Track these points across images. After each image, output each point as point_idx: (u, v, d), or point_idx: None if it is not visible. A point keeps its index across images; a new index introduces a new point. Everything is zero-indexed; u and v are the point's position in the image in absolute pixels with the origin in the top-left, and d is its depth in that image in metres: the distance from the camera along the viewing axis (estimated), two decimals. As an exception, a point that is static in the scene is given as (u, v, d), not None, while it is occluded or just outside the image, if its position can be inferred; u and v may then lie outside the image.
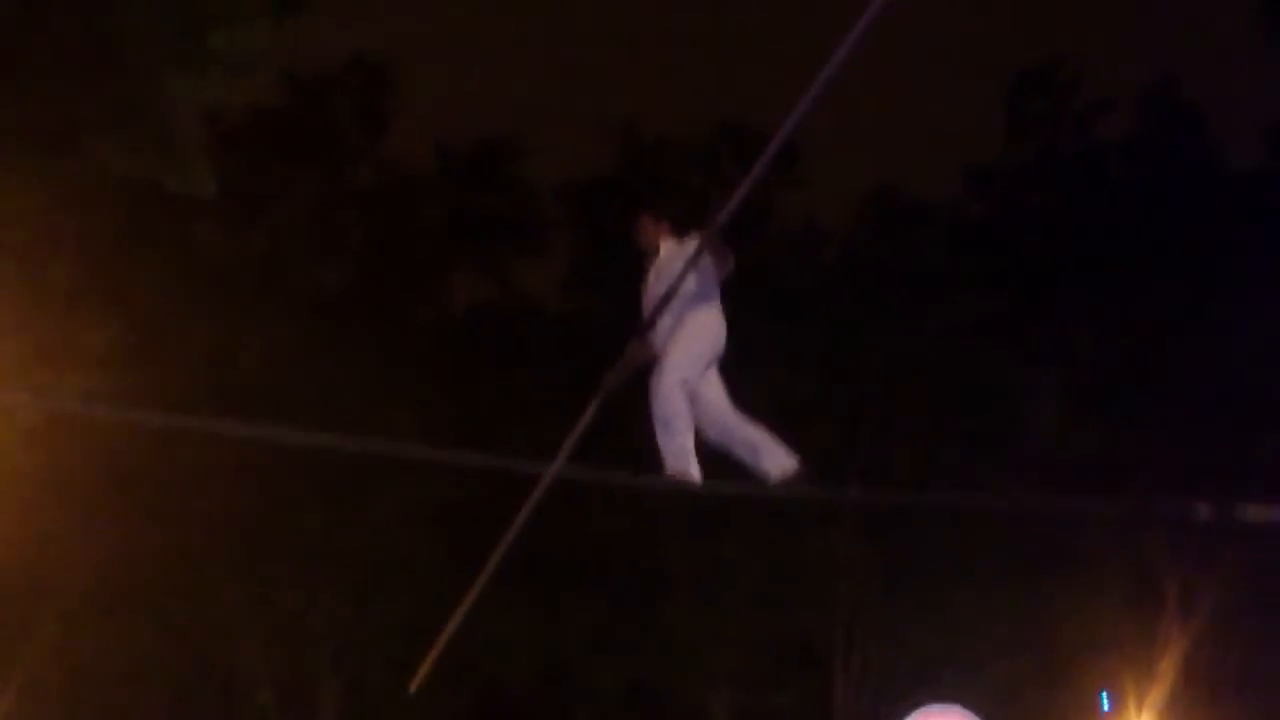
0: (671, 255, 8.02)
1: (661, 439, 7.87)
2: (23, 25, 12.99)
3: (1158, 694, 24.32)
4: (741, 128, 26.93)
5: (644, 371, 7.98)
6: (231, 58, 12.68)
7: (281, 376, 21.22)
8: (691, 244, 7.82)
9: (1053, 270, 25.53)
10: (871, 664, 24.91)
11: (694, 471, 7.89)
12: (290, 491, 20.59)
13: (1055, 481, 22.93)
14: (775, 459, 7.95)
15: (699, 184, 27.77)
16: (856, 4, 5.42)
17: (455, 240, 25.37)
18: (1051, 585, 23.45)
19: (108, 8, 12.49)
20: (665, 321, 7.88)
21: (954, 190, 28.08)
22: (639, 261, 8.37)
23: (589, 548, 23.40)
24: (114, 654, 20.85)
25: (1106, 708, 25.94)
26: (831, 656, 25.25)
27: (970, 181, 28.21)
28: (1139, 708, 24.76)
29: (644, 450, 8.31)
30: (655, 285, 8.02)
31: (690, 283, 7.77)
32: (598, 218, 25.76)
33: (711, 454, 8.49)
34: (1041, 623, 23.47)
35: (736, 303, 25.44)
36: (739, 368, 25.93)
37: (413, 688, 9.43)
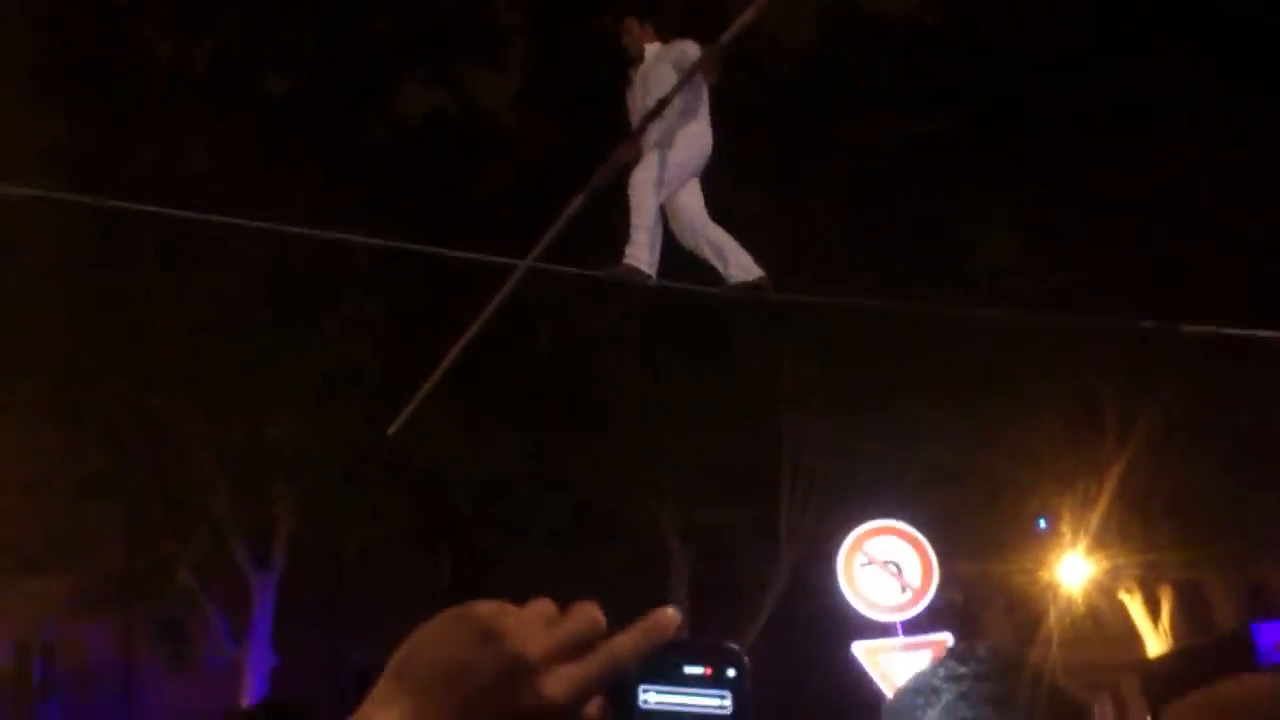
0: (657, 58, 7.94)
1: (729, 253, 8.05)
2: None
3: (1093, 518, 25.04)
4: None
5: (628, 172, 8.02)
6: None
7: (229, 188, 20.90)
8: (679, 47, 7.77)
9: (1011, 91, 25.30)
10: (817, 483, 25.48)
11: (645, 268, 8.00)
12: (239, 302, 20.47)
13: (1003, 305, 23.16)
14: (742, 264, 8.13)
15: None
16: None
17: (406, 50, 24.81)
18: (993, 407, 23.86)
19: None
20: (654, 127, 7.87)
21: (914, 3, 27.68)
22: (621, 66, 8.28)
23: (536, 369, 23.54)
24: (66, 468, 20.94)
25: (1043, 527, 26.80)
26: (779, 475, 25.80)
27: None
28: (1074, 531, 25.54)
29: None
30: (641, 89, 7.99)
31: (681, 92, 7.74)
32: (556, 27, 25.16)
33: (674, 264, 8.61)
34: (982, 446, 23.98)
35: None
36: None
37: (390, 431, 9.88)
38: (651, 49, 8.15)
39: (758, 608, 26.06)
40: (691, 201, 8.10)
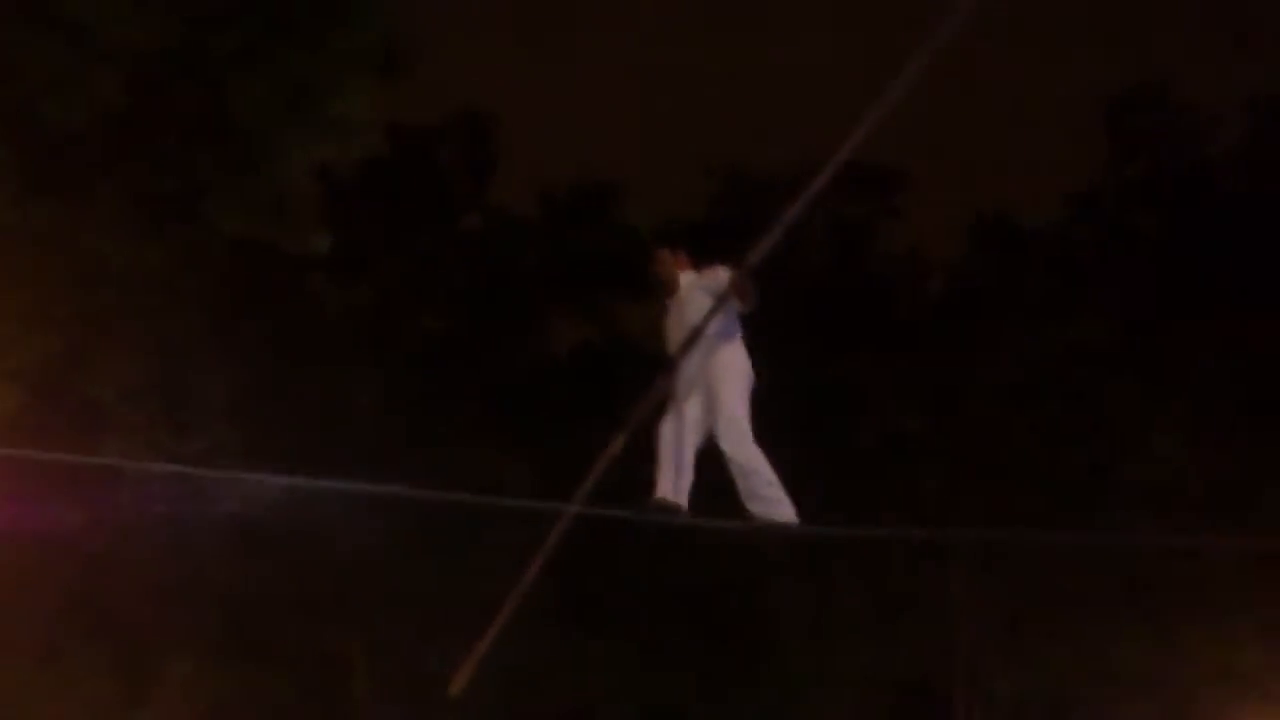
0: (692, 286, 8.00)
1: (760, 491, 7.79)
2: (145, 95, 13.48)
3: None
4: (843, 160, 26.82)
5: (663, 406, 7.98)
6: (343, 121, 13.05)
7: (392, 423, 21.57)
8: (710, 276, 7.82)
9: (1167, 294, 25.04)
10: (995, 704, 24.46)
11: (673, 498, 7.86)
12: (404, 539, 20.83)
13: (1178, 511, 22.43)
14: (766, 500, 7.79)
15: (801, 217, 27.71)
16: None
17: (557, 284, 25.65)
18: (1179, 618, 22.83)
19: (225, 78, 12.93)
20: (692, 358, 7.86)
21: (1058, 216, 27.77)
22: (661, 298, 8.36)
23: (695, 590, 23.33)
24: (240, 700, 21.28)
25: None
26: (952, 696, 24.84)
27: (1074, 205, 27.83)
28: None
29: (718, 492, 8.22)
30: (677, 318, 8.02)
31: (716, 319, 7.76)
32: (697, 259, 25.78)
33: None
34: (1171, 657, 22.85)
35: (840, 335, 25.32)
36: (848, 402, 25.84)
37: (453, 690, 9.26)
38: (686, 278, 8.19)
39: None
40: (729, 430, 7.95)
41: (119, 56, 13.08)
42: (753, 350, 8.13)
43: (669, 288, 8.16)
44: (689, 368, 7.86)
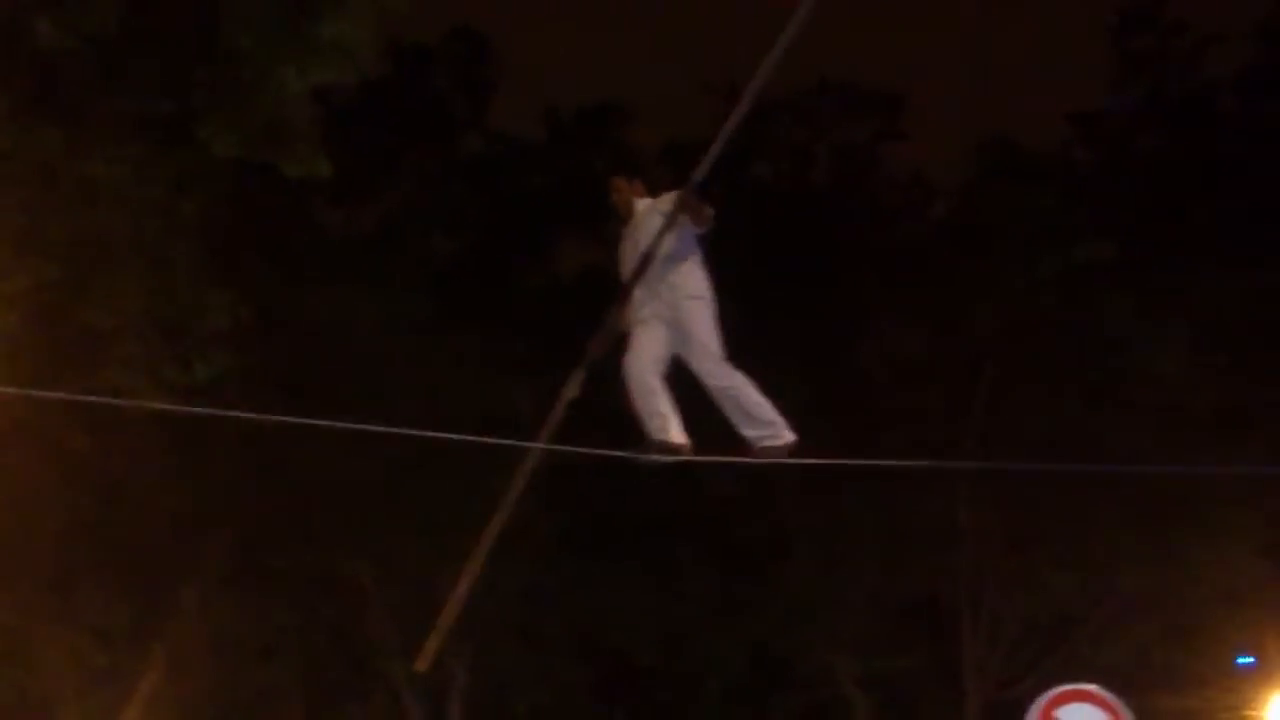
0: (648, 212, 7.83)
1: (752, 412, 7.62)
2: (132, 17, 13.26)
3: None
4: (844, 82, 26.63)
5: (622, 338, 7.81)
6: (339, 42, 12.84)
7: (399, 347, 21.51)
8: (668, 198, 7.65)
9: (1169, 214, 24.88)
10: (1001, 625, 24.61)
11: (674, 438, 7.68)
12: (408, 464, 20.85)
13: (1182, 430, 22.41)
14: (764, 423, 7.59)
15: (801, 140, 27.55)
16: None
17: (564, 207, 25.47)
18: (1181, 537, 22.87)
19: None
20: (649, 283, 7.65)
21: (1061, 137, 27.57)
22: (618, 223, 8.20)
23: (706, 515, 23.41)
24: (250, 630, 21.45)
25: (1247, 663, 25.34)
26: (959, 617, 25.01)
27: (1077, 127, 27.59)
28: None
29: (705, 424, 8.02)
30: (631, 245, 7.85)
31: (670, 242, 7.58)
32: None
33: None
34: (1173, 577, 22.94)
35: (844, 258, 25.21)
36: (852, 325, 25.75)
37: (420, 668, 9.24)
38: (642, 204, 8.02)
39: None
40: (702, 357, 7.73)
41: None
42: (732, 275, 7.98)
43: (625, 215, 8.05)
44: (645, 294, 7.70)
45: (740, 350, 7.83)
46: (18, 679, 20.12)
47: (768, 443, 7.68)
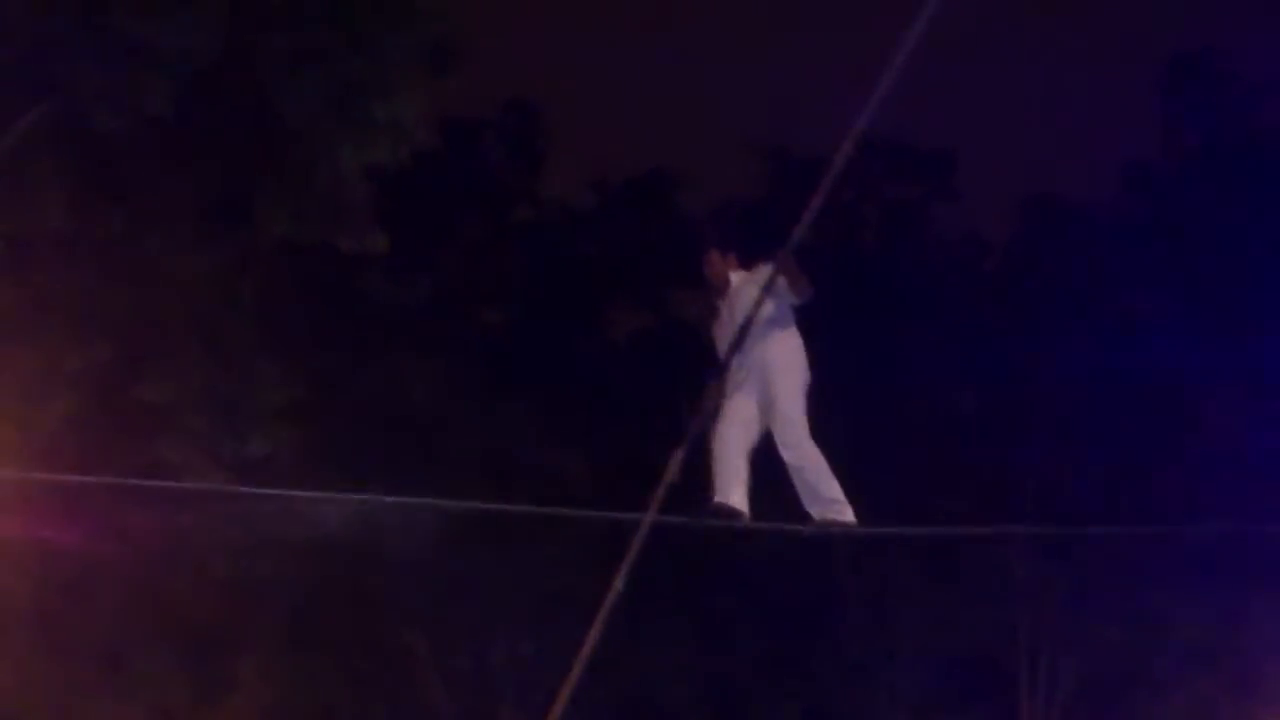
0: (743, 284, 7.78)
1: (821, 492, 7.63)
2: (189, 99, 13.53)
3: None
4: (891, 141, 26.64)
5: (717, 409, 7.77)
6: (394, 122, 13.05)
7: (452, 419, 21.61)
8: (760, 271, 7.57)
9: (1228, 266, 24.67)
10: (1059, 681, 24.30)
11: (736, 504, 7.66)
12: (462, 536, 20.89)
13: (1240, 479, 22.14)
14: (828, 500, 7.58)
15: (850, 200, 27.57)
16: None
17: (614, 274, 25.58)
18: (1243, 589, 22.56)
19: (278, 84, 12.95)
20: (746, 356, 7.60)
21: (1114, 190, 27.41)
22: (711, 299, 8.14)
23: (759, 573, 23.29)
24: (306, 697, 21.43)
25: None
26: (1016, 674, 24.70)
27: (1128, 179, 27.46)
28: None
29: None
30: (728, 318, 7.78)
31: (768, 311, 7.52)
32: (750, 242, 25.66)
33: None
34: (1234, 630, 22.60)
35: (896, 319, 25.01)
36: (901, 384, 25.58)
37: None
38: (736, 277, 7.99)
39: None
40: (784, 428, 7.72)
41: (168, 62, 13.12)
42: (811, 345, 7.95)
43: (719, 289, 7.99)
44: (742, 365, 7.68)
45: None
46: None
47: (829, 517, 7.66)
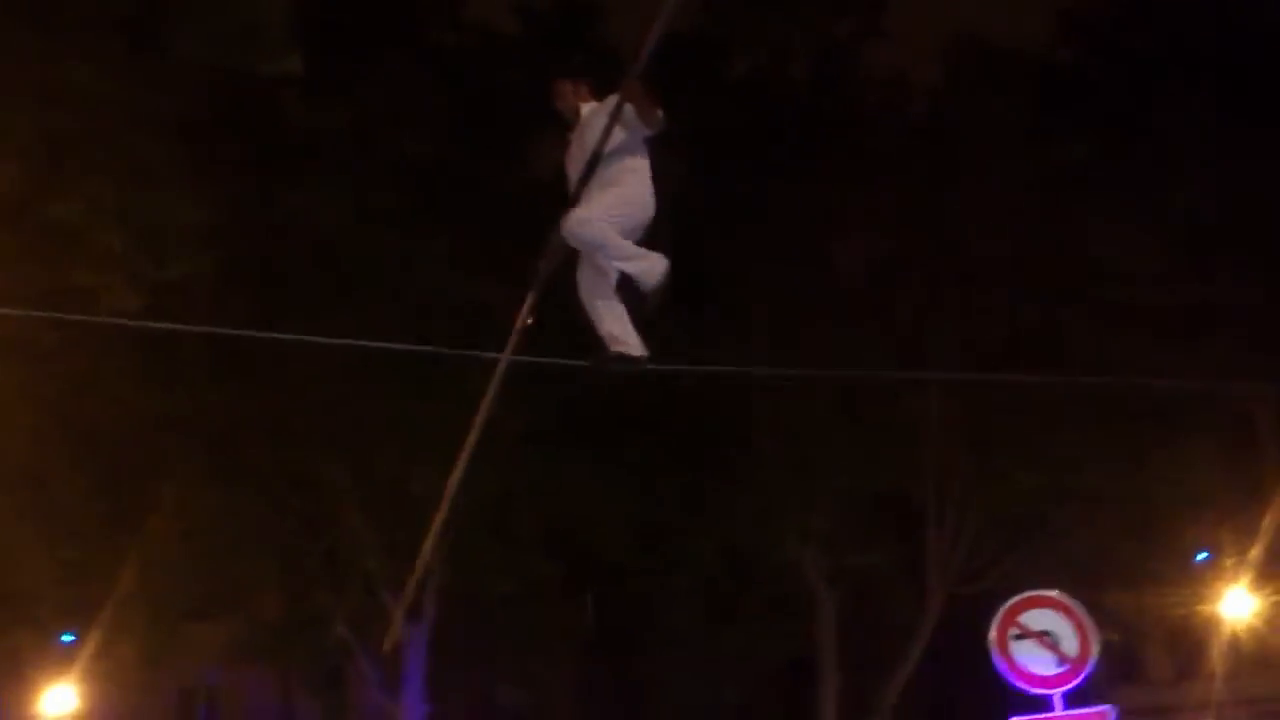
0: (593, 115, 7.58)
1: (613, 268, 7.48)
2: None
3: (1257, 550, 24.19)
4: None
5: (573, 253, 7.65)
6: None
7: (372, 245, 21.37)
8: (613, 100, 7.33)
9: (1146, 114, 24.78)
10: (965, 522, 25.02)
11: (634, 351, 7.57)
12: (379, 366, 20.84)
13: (1150, 329, 22.61)
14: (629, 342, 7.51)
15: (779, 33, 27.20)
16: None
17: (539, 103, 25.10)
18: (1144, 436, 23.18)
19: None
20: (595, 189, 7.43)
21: (1047, 33, 27.30)
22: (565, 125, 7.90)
23: (681, 414, 23.54)
24: (226, 527, 21.57)
25: (1202, 560, 25.89)
26: (924, 513, 25.40)
27: (1061, 25, 27.36)
28: (1237, 564, 24.67)
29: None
30: (578, 149, 7.61)
31: (615, 141, 7.35)
32: (678, 74, 25.28)
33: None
34: (1136, 477, 23.30)
35: (820, 162, 25.03)
36: (822, 229, 25.68)
37: (386, 649, 9.20)
38: (587, 108, 7.76)
39: (905, 652, 25.62)
40: (574, 222, 7.55)
41: None
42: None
43: (571, 119, 7.80)
44: (591, 201, 7.50)
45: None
46: (-7, 574, 20.20)
47: (622, 350, 7.56)
